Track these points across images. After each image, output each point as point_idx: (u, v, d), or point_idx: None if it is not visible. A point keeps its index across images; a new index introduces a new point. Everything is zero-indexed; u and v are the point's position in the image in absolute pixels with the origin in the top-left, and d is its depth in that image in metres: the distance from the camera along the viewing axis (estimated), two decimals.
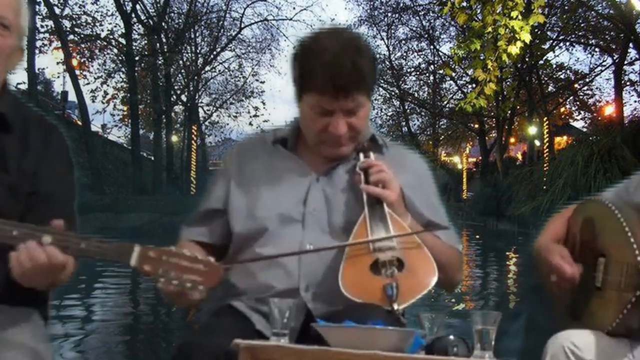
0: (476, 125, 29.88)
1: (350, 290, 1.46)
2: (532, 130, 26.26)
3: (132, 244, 1.30)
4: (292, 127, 1.75)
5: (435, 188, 1.79)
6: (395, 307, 1.40)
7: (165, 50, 27.22)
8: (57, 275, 1.36)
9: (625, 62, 22.24)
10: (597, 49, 25.49)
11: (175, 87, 29.69)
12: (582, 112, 30.60)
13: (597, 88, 29.97)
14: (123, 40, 25.40)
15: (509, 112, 24.65)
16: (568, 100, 30.17)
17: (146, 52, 26.83)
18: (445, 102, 31.94)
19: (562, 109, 30.25)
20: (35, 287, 1.40)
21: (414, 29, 29.92)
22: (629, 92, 26.50)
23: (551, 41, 23.50)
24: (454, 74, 27.15)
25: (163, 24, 27.31)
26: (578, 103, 30.26)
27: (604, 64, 26.24)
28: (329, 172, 1.70)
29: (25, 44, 1.60)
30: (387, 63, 30.97)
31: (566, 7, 21.81)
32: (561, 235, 1.91)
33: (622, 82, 22.42)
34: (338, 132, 1.61)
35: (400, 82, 31.73)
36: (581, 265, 1.81)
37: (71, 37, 24.71)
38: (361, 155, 1.66)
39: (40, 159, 1.55)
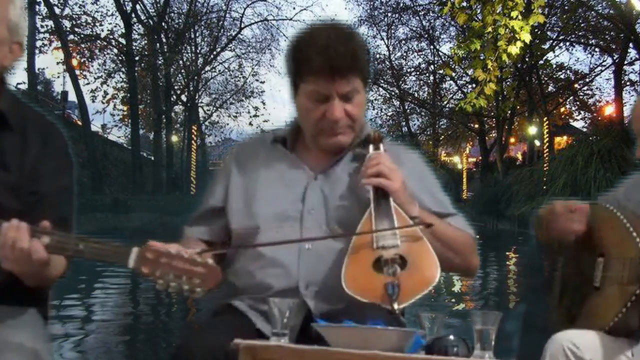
0: (476, 125, 29.89)
1: (351, 288, 1.46)
2: (532, 130, 26.28)
3: (130, 246, 1.29)
4: (291, 126, 1.76)
5: (436, 180, 1.80)
6: (396, 306, 1.40)
7: (165, 50, 27.25)
8: (35, 268, 1.35)
9: (625, 62, 22.30)
10: (597, 49, 25.53)
11: (175, 87, 29.72)
12: (582, 112, 30.67)
13: (597, 88, 30.07)
14: (123, 40, 25.45)
15: (509, 112, 24.69)
16: (568, 100, 30.20)
17: (146, 52, 26.86)
18: (445, 102, 31.96)
19: (562, 109, 30.27)
20: (19, 275, 1.40)
21: (414, 29, 29.99)
22: (629, 92, 26.49)
23: (551, 41, 23.52)
24: (454, 74, 27.18)
25: (163, 24, 27.35)
26: (578, 103, 30.29)
27: (604, 64, 26.31)
28: (327, 170, 1.70)
29: (25, 41, 1.58)
30: (387, 63, 31.01)
31: (566, 7, 21.83)
32: None
33: (622, 82, 22.46)
34: (335, 116, 1.62)
35: (400, 82, 31.76)
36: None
37: (71, 37, 24.75)
38: (371, 147, 1.66)
39: (40, 157, 1.55)
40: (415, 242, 1.52)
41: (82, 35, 25.71)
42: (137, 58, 26.24)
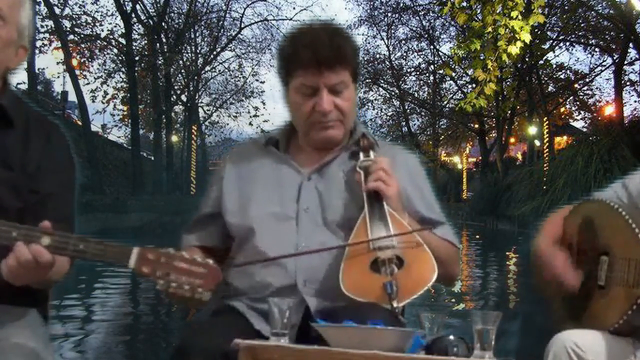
0: (476, 125, 29.86)
1: (350, 289, 1.47)
2: (532, 130, 26.27)
3: (130, 246, 1.29)
4: (283, 128, 1.78)
5: (429, 184, 1.81)
6: (395, 304, 1.42)
7: (165, 50, 27.23)
8: (45, 273, 1.36)
9: (625, 62, 22.24)
10: (597, 49, 25.49)
11: (175, 87, 29.70)
12: (582, 112, 30.62)
13: (597, 88, 30.04)
14: (123, 40, 25.42)
15: (509, 112, 24.66)
16: (568, 100, 30.16)
17: (146, 52, 26.84)
18: (445, 102, 31.93)
19: (562, 109, 30.23)
20: (27, 284, 1.40)
21: (414, 29, 29.96)
22: (629, 92, 26.53)
23: (551, 41, 23.49)
24: (454, 74, 27.15)
25: (163, 24, 27.32)
26: (578, 103, 30.26)
27: (604, 64, 26.28)
28: (321, 169, 1.72)
29: (28, 43, 1.59)
30: (387, 63, 30.99)
31: (566, 7, 21.80)
32: (559, 236, 1.91)
33: (622, 82, 22.42)
34: (324, 108, 1.63)
35: (400, 82, 31.73)
36: (581, 273, 1.80)
37: (71, 37, 24.72)
38: (361, 155, 1.68)
39: (42, 156, 1.55)
40: (411, 243, 1.54)
41: (82, 35, 25.69)
42: (137, 58, 26.21)
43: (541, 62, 22.04)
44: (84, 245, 1.31)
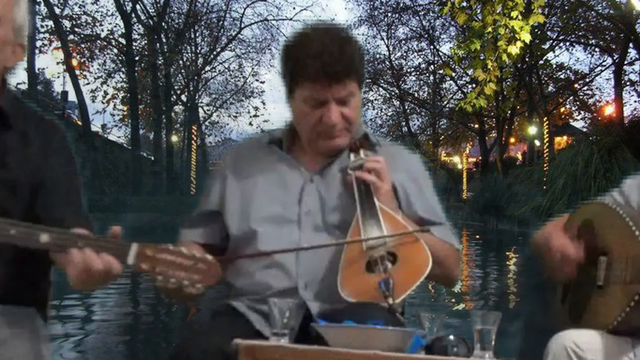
0: (476, 125, 29.88)
1: (348, 294, 1.48)
2: (532, 130, 26.27)
3: (129, 243, 1.29)
4: (286, 128, 1.77)
5: (431, 184, 1.80)
6: (391, 301, 1.42)
7: (165, 50, 27.24)
8: (109, 281, 1.37)
9: (625, 62, 22.27)
10: (597, 49, 25.51)
11: (175, 87, 29.70)
12: (582, 112, 30.64)
13: (597, 88, 30.03)
14: (123, 40, 25.46)
15: (509, 112, 24.68)
16: (568, 100, 30.18)
17: (146, 52, 26.85)
18: (445, 102, 31.94)
19: (562, 109, 30.24)
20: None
21: (414, 29, 29.97)
22: (629, 92, 26.54)
23: (551, 41, 23.50)
24: (454, 74, 27.15)
25: (163, 24, 27.34)
26: (578, 103, 30.28)
27: (604, 64, 26.30)
28: (323, 171, 1.71)
29: (25, 41, 1.58)
30: (387, 63, 31.00)
31: (566, 7, 21.81)
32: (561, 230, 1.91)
33: (622, 82, 22.44)
34: (332, 121, 1.62)
35: (400, 82, 31.73)
36: (583, 244, 1.80)
37: (71, 37, 24.77)
38: (352, 155, 1.67)
39: (42, 154, 1.55)
40: (404, 237, 1.53)
41: (82, 35, 25.74)
42: (137, 58, 26.23)
43: (541, 62, 22.07)
44: (83, 243, 1.31)
